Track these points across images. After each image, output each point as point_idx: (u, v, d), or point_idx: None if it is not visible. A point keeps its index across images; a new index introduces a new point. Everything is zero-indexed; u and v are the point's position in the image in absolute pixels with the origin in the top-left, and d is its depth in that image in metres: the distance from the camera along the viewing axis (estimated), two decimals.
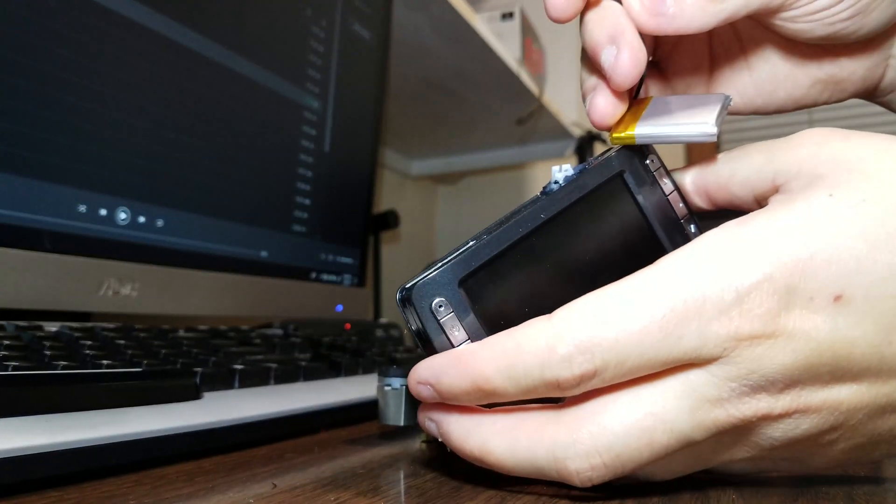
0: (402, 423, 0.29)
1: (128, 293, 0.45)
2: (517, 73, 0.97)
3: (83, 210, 0.43)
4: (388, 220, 0.95)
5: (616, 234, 0.27)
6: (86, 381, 0.28)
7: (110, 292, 0.44)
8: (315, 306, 0.65)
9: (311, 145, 0.63)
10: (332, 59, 0.66)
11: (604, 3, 0.26)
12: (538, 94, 1.06)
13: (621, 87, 0.26)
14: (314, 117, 0.64)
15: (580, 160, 1.26)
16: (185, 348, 0.39)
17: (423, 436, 0.34)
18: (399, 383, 0.30)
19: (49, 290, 0.40)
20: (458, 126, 1.20)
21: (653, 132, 0.26)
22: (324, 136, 0.65)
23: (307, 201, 0.63)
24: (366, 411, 0.40)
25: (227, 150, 0.54)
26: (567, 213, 0.25)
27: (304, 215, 0.63)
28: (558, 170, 0.26)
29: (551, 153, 1.30)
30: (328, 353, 0.49)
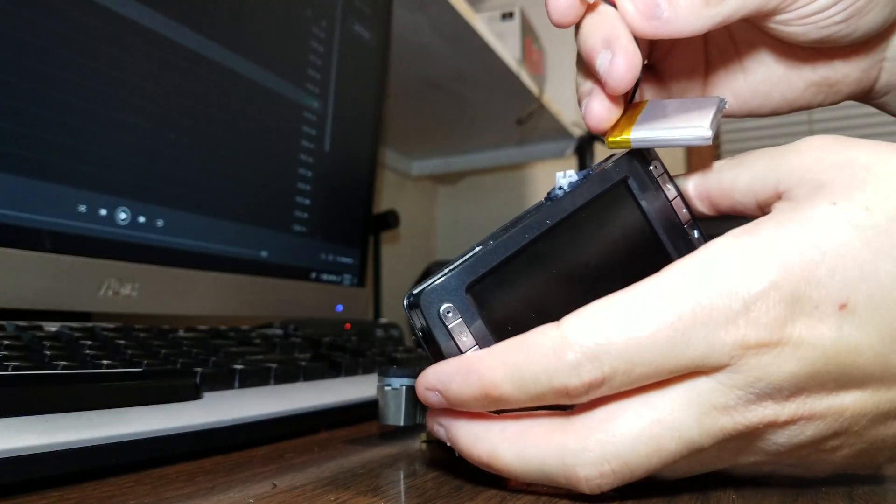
0: (402, 423, 0.29)
1: (128, 293, 0.45)
2: (517, 73, 0.97)
3: (83, 210, 0.43)
4: (388, 220, 0.95)
5: (621, 240, 0.27)
6: (86, 381, 0.28)
7: (110, 292, 0.44)
8: (315, 306, 0.65)
9: (311, 145, 0.63)
10: (332, 59, 0.66)
11: (599, 8, 0.26)
12: (538, 94, 1.06)
13: (616, 91, 0.26)
14: (314, 117, 0.64)
15: (580, 160, 1.26)
16: (185, 348, 0.39)
17: (423, 436, 0.34)
18: (399, 383, 0.30)
19: (49, 290, 0.40)
20: (458, 126, 1.20)
21: (648, 136, 0.26)
22: (324, 136, 0.65)
23: (307, 201, 0.63)
24: (366, 411, 0.40)
25: (228, 150, 0.54)
26: (572, 218, 0.25)
27: (304, 215, 0.63)
28: (562, 175, 0.26)
29: (551, 153, 1.30)
30: (328, 353, 0.49)
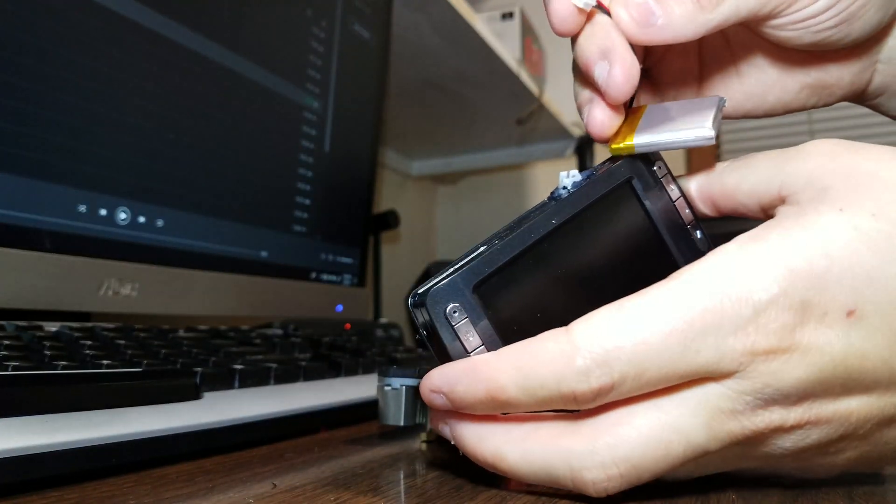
0: (402, 423, 0.29)
1: (128, 293, 0.45)
2: (517, 73, 0.97)
3: (83, 210, 0.43)
4: (388, 220, 0.95)
5: (625, 240, 0.27)
6: (86, 381, 0.28)
7: (110, 292, 0.44)
8: (315, 306, 0.65)
9: (311, 145, 0.63)
10: (332, 59, 0.66)
11: (594, 18, 0.26)
12: (538, 95, 1.06)
13: (616, 101, 0.26)
14: (314, 117, 0.64)
15: (580, 160, 1.26)
16: (185, 348, 0.39)
17: (424, 436, 0.34)
18: (399, 383, 0.30)
19: (49, 290, 0.40)
20: (458, 126, 1.20)
21: (651, 140, 0.26)
22: (324, 136, 0.65)
23: (307, 201, 0.63)
24: (366, 411, 0.40)
25: (228, 150, 0.54)
26: (577, 218, 0.25)
27: (304, 215, 0.63)
28: (566, 175, 0.26)
29: (551, 153, 1.30)
30: (328, 353, 0.49)
